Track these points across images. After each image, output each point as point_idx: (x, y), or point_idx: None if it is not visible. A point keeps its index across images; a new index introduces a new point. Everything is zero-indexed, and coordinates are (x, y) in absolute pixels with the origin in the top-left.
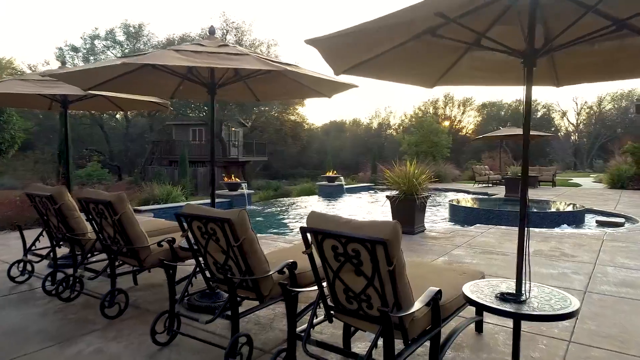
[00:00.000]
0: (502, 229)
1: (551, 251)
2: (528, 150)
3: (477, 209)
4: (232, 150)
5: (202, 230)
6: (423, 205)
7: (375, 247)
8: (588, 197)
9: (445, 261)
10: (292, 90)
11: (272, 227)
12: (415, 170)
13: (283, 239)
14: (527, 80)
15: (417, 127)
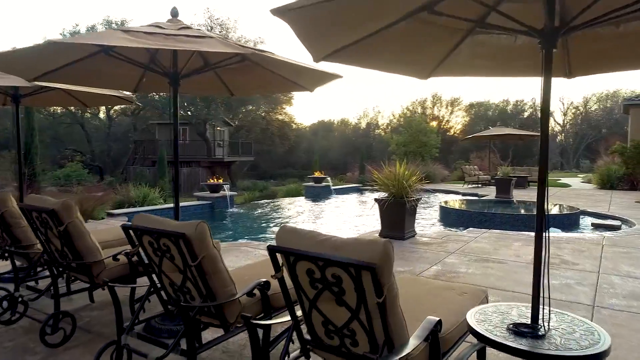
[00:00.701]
0: (495, 234)
1: (551, 258)
2: (547, 147)
3: (469, 212)
4: (218, 150)
5: (153, 246)
6: (414, 209)
7: (360, 274)
8: (579, 198)
9: (439, 271)
10: (269, 83)
11: (253, 232)
12: (405, 172)
13: (263, 245)
14: (545, 65)
15: (405, 126)
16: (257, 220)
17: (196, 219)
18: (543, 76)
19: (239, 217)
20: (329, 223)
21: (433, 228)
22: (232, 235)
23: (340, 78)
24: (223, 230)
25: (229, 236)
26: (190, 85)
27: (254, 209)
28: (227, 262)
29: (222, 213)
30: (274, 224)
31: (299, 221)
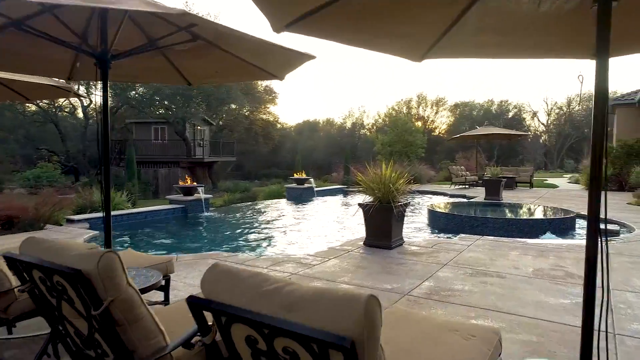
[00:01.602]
0: (489, 241)
1: (553, 270)
2: (605, 142)
3: (459, 216)
4: (198, 150)
5: (46, 284)
6: (401, 215)
7: (327, 353)
8: (569, 199)
9: (431, 288)
10: (231, 70)
11: (227, 240)
12: (392, 174)
13: (235, 257)
14: (601, 26)
15: (391, 126)
16: (232, 226)
17: (167, 225)
18: (599, 43)
19: (214, 222)
20: (310, 229)
21: (422, 234)
22: (203, 245)
23: (313, 58)
24: (193, 238)
25: (199, 246)
26: (136, 71)
27: (231, 213)
28: (189, 280)
29: (195, 218)
30: (250, 231)
31: (277, 227)
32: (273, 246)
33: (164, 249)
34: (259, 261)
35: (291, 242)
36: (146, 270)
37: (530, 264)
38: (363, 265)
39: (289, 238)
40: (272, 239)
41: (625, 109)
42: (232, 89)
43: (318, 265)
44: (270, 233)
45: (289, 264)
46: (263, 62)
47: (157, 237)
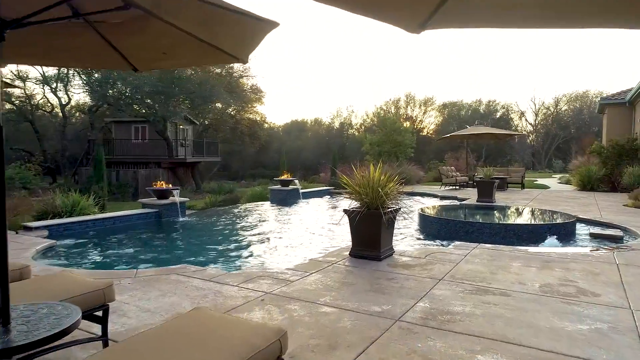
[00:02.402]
0: (487, 249)
1: (562, 285)
2: None
3: (452, 221)
4: (180, 150)
5: None
6: (392, 222)
7: None
8: (563, 201)
9: (427, 310)
10: (180, 49)
11: (199, 250)
12: (381, 177)
13: (203, 272)
14: None
15: (379, 125)
16: (208, 233)
17: (136, 231)
18: None
19: (189, 228)
20: (292, 236)
21: (413, 242)
22: (172, 255)
23: (277, 26)
24: (162, 247)
25: (166, 257)
26: (59, 51)
27: (210, 218)
28: (144, 302)
29: (170, 224)
30: (227, 239)
31: (257, 233)
32: (250, 257)
33: (126, 260)
34: (230, 277)
35: (270, 252)
36: (62, 307)
37: (535, 278)
38: (349, 280)
39: (269, 247)
40: (250, 248)
41: (616, 109)
42: (215, 86)
43: (297, 282)
44: (249, 241)
45: (263, 280)
46: (215, 37)
47: (122, 247)
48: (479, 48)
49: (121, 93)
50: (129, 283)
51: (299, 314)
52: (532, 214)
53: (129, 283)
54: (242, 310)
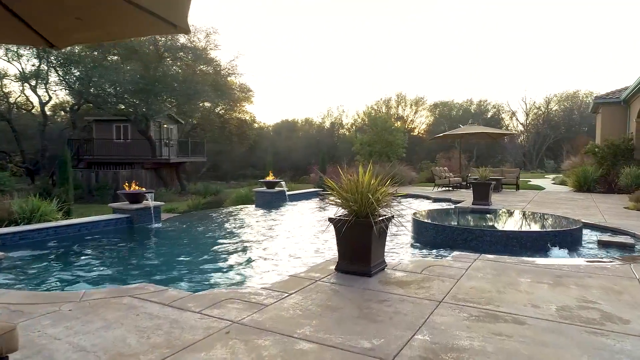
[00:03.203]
0: (490, 261)
1: (583, 308)
2: None
3: (449, 228)
4: (164, 150)
5: None
6: (383, 232)
7: None
8: (561, 203)
9: (427, 346)
10: (99, 15)
11: (164, 265)
12: (372, 181)
13: (163, 294)
14: None
15: (370, 124)
16: (182, 242)
17: (103, 240)
18: None
19: (162, 237)
20: (274, 245)
21: (407, 251)
22: (135, 270)
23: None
24: (126, 260)
25: (130, 272)
26: None
27: (187, 223)
28: (79, 337)
29: (141, 231)
30: (201, 250)
31: (235, 242)
32: (223, 272)
33: (79, 277)
34: (194, 300)
35: (247, 266)
36: None
37: (550, 298)
38: (333, 303)
39: (246, 259)
40: (225, 260)
41: (610, 108)
42: (199, 83)
43: (273, 306)
44: (225, 252)
45: (233, 305)
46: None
47: (80, 259)
48: (470, 47)
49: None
50: (70, 310)
51: (269, 353)
52: (534, 219)
53: (70, 310)
54: (200, 348)
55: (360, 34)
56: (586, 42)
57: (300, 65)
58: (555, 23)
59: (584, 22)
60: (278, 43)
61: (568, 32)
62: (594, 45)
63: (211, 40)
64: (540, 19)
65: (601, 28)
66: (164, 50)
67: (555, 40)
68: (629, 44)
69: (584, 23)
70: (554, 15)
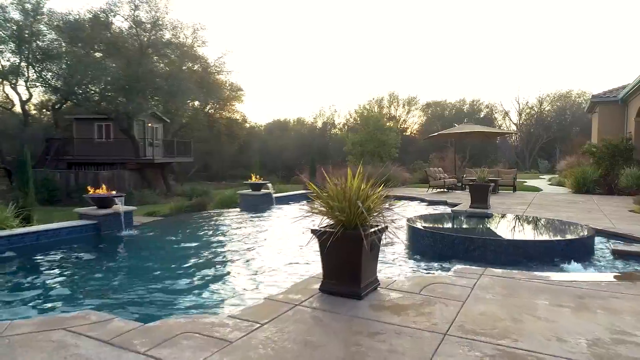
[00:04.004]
0: (498, 277)
1: (618, 342)
2: None
3: (449, 236)
4: (148, 150)
5: None
6: (376, 246)
7: None
8: (563, 206)
9: None
10: None
11: (120, 284)
12: (362, 185)
13: (103, 327)
14: None
15: (362, 123)
16: (149, 253)
17: (60, 251)
18: None
19: (128, 247)
20: (252, 257)
21: (401, 262)
22: (87, 289)
23: None
24: (79, 277)
25: (78, 293)
26: None
27: (162, 230)
28: None
29: (109, 239)
30: (169, 264)
31: (209, 254)
32: (188, 292)
33: (15, 299)
34: (142, 335)
35: (217, 285)
36: None
37: (576, 328)
38: (315, 339)
39: (217, 276)
40: (194, 277)
41: (608, 107)
42: (184, 80)
43: (239, 342)
44: (196, 266)
45: (189, 341)
46: None
47: (25, 276)
48: (463, 47)
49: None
50: None
51: None
52: (540, 225)
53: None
54: None
55: (353, 33)
56: (579, 42)
57: (293, 65)
58: (547, 22)
59: (577, 21)
60: (271, 42)
61: (561, 32)
62: (587, 45)
63: (198, 37)
64: (533, 18)
65: (594, 27)
66: (148, 46)
67: (548, 40)
68: (623, 44)
69: (576, 22)
70: (546, 15)
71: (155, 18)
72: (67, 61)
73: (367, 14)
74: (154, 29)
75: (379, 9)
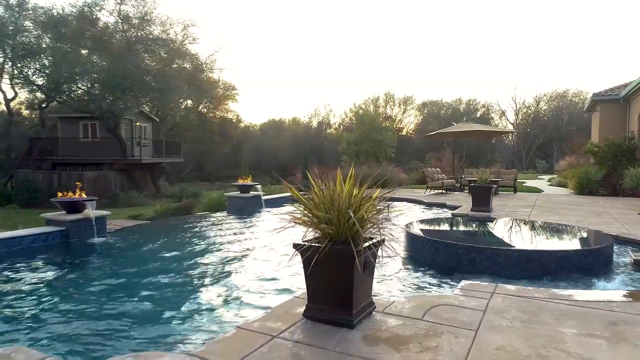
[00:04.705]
0: (513, 296)
1: None
2: None
3: (452, 245)
4: (136, 150)
5: None
6: (370, 264)
7: None
8: (568, 208)
9: None
10: None
11: (72, 308)
12: (355, 191)
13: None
14: None
15: (357, 122)
16: (117, 266)
17: (15, 263)
18: None
19: (96, 258)
20: (232, 271)
21: (400, 275)
22: (34, 312)
23: None
24: (28, 300)
25: (14, 325)
26: None
27: (138, 237)
28: None
29: (78, 247)
30: (134, 280)
31: (185, 267)
32: (146, 322)
33: None
34: None
35: (184, 309)
36: None
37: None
38: None
39: (185, 297)
40: (157, 300)
41: (609, 105)
42: (172, 78)
43: None
44: (164, 285)
45: None
46: None
47: None
48: (460, 45)
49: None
50: None
51: None
52: (549, 231)
53: None
54: None
55: (349, 33)
56: (577, 41)
57: (288, 65)
58: (544, 21)
59: (574, 20)
60: (267, 42)
61: (558, 31)
62: (585, 44)
63: (189, 34)
64: (529, 17)
65: (592, 26)
66: (135, 42)
67: (545, 39)
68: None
69: (574, 21)
70: (543, 14)
71: (143, 13)
72: (50, 57)
73: (363, 13)
74: (141, 24)
75: (375, 8)
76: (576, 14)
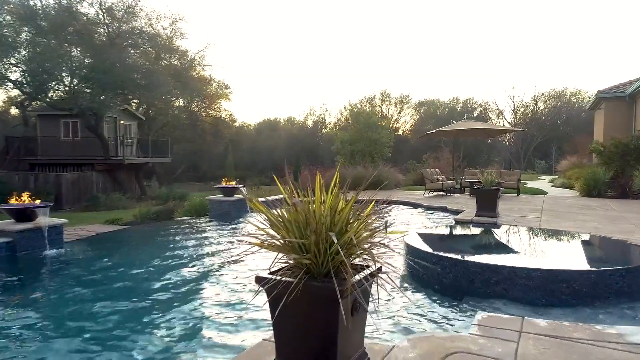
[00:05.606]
0: (545, 335)
1: None
2: None
3: (461, 262)
4: (120, 150)
5: None
6: (360, 306)
7: None
8: (580, 213)
9: None
10: None
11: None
12: (341, 204)
13: None
14: None
15: (352, 121)
16: (62, 290)
17: None
18: None
19: (40, 279)
20: (200, 300)
21: (398, 301)
22: None
23: None
24: None
25: None
26: None
27: (99, 249)
28: None
29: (25, 262)
30: (75, 311)
31: (143, 290)
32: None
33: None
34: None
35: (127, 353)
36: None
37: None
38: None
39: (134, 332)
40: (97, 340)
41: (614, 103)
42: (156, 73)
43: None
44: (110, 312)
45: None
46: None
47: None
48: (457, 44)
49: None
50: None
51: None
52: (570, 242)
53: None
54: None
55: (345, 31)
56: (575, 40)
57: (283, 64)
58: (542, 20)
59: (572, 19)
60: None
61: (556, 30)
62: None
63: (177, 29)
64: (527, 16)
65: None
66: (117, 35)
67: (543, 38)
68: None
69: (572, 20)
70: (540, 12)
71: (126, 5)
72: (25, 51)
73: (359, 12)
74: (125, 17)
75: (371, 7)
76: (574, 12)
